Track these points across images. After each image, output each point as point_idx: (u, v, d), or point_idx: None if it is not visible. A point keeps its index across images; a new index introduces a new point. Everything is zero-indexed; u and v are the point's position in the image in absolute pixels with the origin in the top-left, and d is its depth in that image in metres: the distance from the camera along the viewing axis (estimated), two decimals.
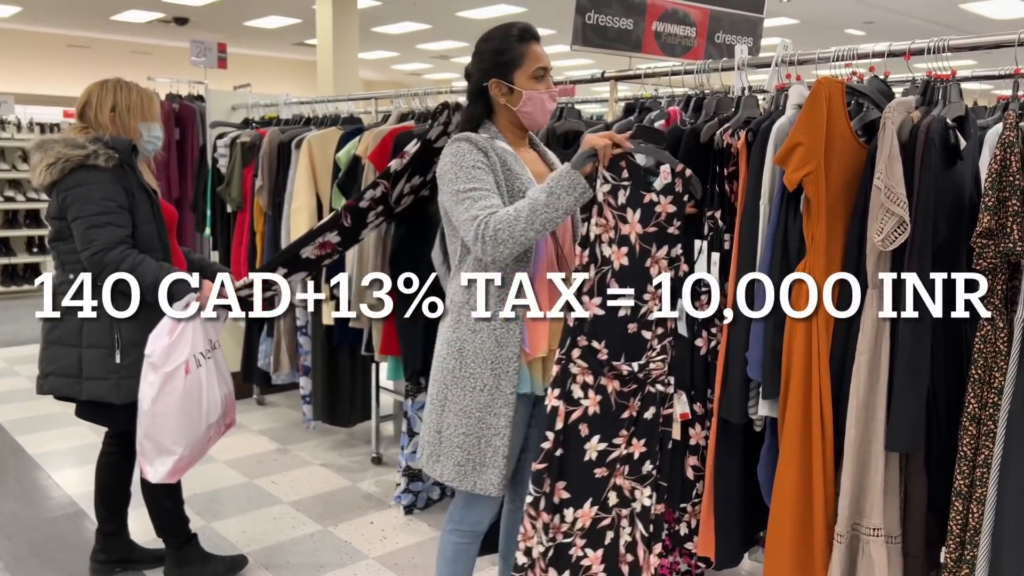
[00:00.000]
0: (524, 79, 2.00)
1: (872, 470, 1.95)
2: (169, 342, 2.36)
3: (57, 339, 2.47)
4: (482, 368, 1.97)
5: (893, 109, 1.92)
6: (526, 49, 2.00)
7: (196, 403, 2.41)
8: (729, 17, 3.43)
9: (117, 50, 15.50)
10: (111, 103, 2.52)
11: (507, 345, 1.97)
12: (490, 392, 1.97)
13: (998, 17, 10.69)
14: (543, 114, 2.04)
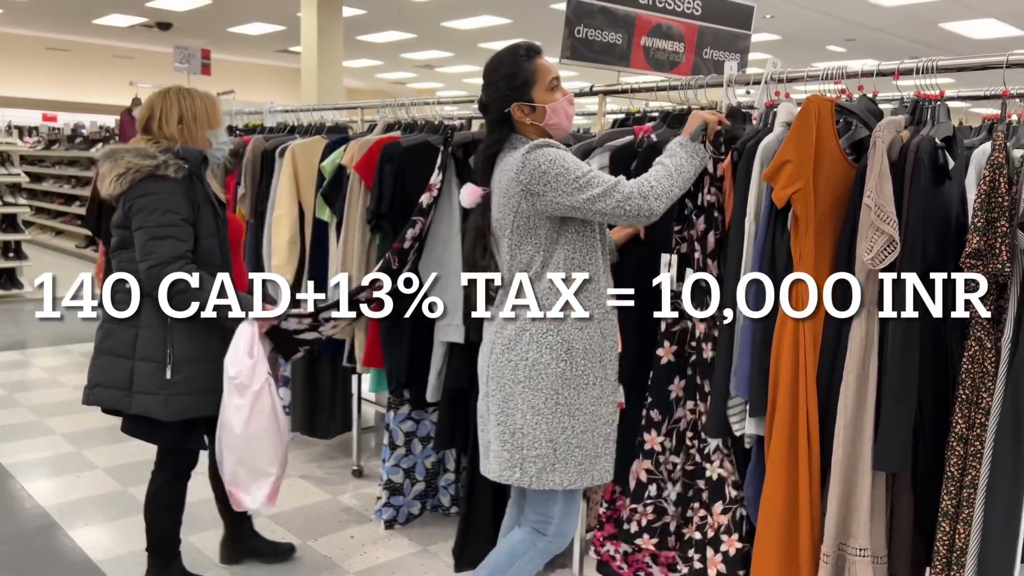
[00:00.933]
0: (542, 93, 2.03)
1: (859, 489, 1.94)
2: (252, 362, 2.33)
3: (108, 349, 2.41)
4: (592, 363, 2.03)
5: (883, 128, 1.92)
6: (536, 65, 2.04)
7: (279, 421, 2.41)
8: (717, 33, 3.44)
9: (98, 54, 15.39)
10: (177, 113, 2.46)
11: (609, 335, 2.08)
12: (600, 384, 2.05)
13: (976, 37, 10.86)
14: (569, 120, 2.10)
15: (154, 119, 2.46)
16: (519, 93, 2.03)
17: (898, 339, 1.87)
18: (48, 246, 11.25)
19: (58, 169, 11.46)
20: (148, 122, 2.47)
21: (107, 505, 3.45)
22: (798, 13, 10.13)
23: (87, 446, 4.10)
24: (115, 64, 15.01)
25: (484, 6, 10.64)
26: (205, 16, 12.12)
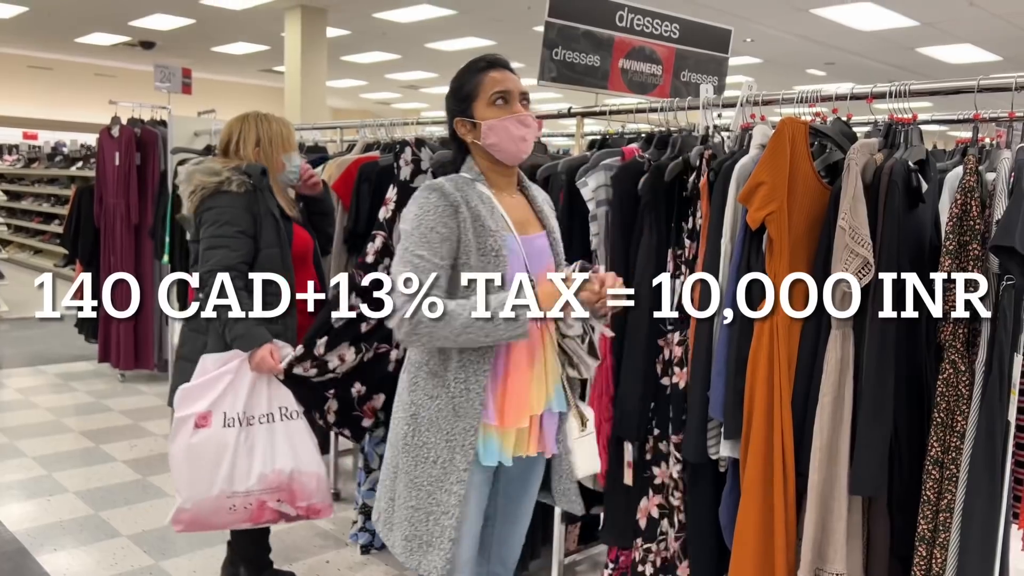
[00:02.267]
0: (483, 109, 1.81)
1: (835, 514, 1.92)
2: (188, 387, 2.29)
3: (184, 355, 2.49)
4: (436, 438, 1.78)
5: (857, 151, 1.93)
6: (482, 77, 1.82)
7: (208, 463, 2.28)
8: (695, 56, 3.46)
9: (80, 72, 15.33)
10: (255, 137, 2.55)
11: (465, 415, 1.77)
12: (443, 466, 1.78)
13: (952, 61, 11.02)
14: (513, 142, 1.80)
15: (232, 142, 2.56)
16: (462, 107, 1.84)
17: (873, 362, 1.86)
18: (26, 265, 11.12)
19: (37, 188, 11.36)
20: (227, 145, 2.57)
21: (77, 530, 3.38)
22: (778, 37, 10.25)
23: (59, 469, 4.03)
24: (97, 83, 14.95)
25: (468, 28, 10.70)
26: (188, 35, 12.11)
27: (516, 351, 1.79)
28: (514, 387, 1.80)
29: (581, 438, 1.89)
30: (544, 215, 1.93)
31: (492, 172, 1.86)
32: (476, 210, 1.77)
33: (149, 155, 5.38)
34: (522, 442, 1.84)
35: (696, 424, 2.15)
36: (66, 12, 10.93)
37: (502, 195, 1.86)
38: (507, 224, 1.80)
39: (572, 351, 1.86)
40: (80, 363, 6.19)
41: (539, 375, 1.83)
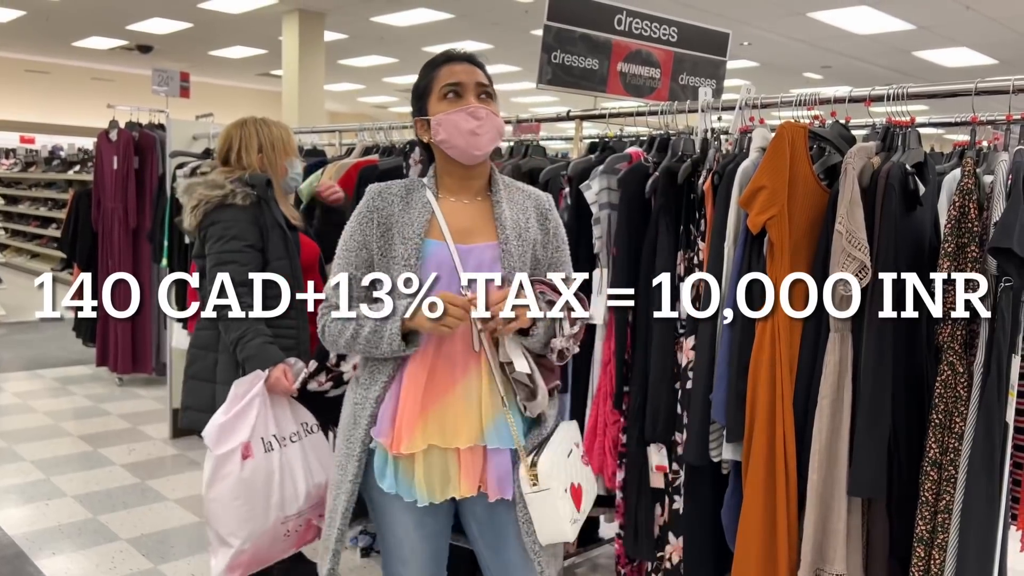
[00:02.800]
0: (435, 104, 1.70)
1: (835, 515, 1.93)
2: (221, 422, 2.15)
3: (195, 374, 2.46)
4: (341, 442, 1.76)
5: (854, 154, 1.94)
6: (436, 72, 1.71)
7: (261, 493, 2.15)
8: (693, 59, 3.47)
9: (78, 76, 15.32)
10: (257, 143, 2.50)
11: (359, 424, 1.71)
12: (340, 472, 1.74)
13: (949, 65, 11.06)
14: (462, 136, 1.65)
15: (233, 150, 2.50)
16: (418, 106, 1.74)
17: (871, 364, 1.87)
18: (23, 269, 11.11)
19: (35, 191, 11.36)
20: (227, 153, 2.51)
21: (75, 534, 3.38)
22: (775, 41, 10.28)
23: (57, 473, 4.03)
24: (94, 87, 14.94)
25: (466, 32, 10.71)
26: (186, 39, 12.11)
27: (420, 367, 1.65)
28: (406, 406, 1.64)
29: (533, 494, 1.64)
30: (504, 222, 1.71)
31: (447, 174, 1.74)
32: (391, 217, 1.69)
33: (147, 159, 5.38)
34: (445, 478, 1.66)
35: (698, 427, 2.15)
36: (63, 16, 10.93)
37: (452, 200, 1.73)
38: (441, 232, 1.67)
39: (515, 383, 1.68)
40: (78, 367, 6.19)
41: (468, 401, 1.65)
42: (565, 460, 1.70)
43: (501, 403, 1.66)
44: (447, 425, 1.65)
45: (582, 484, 1.73)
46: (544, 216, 1.80)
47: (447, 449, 1.65)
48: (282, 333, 2.37)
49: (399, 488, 1.67)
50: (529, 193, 1.83)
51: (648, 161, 2.46)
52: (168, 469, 4.19)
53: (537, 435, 1.71)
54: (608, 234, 2.46)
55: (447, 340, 1.66)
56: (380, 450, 1.68)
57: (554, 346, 1.68)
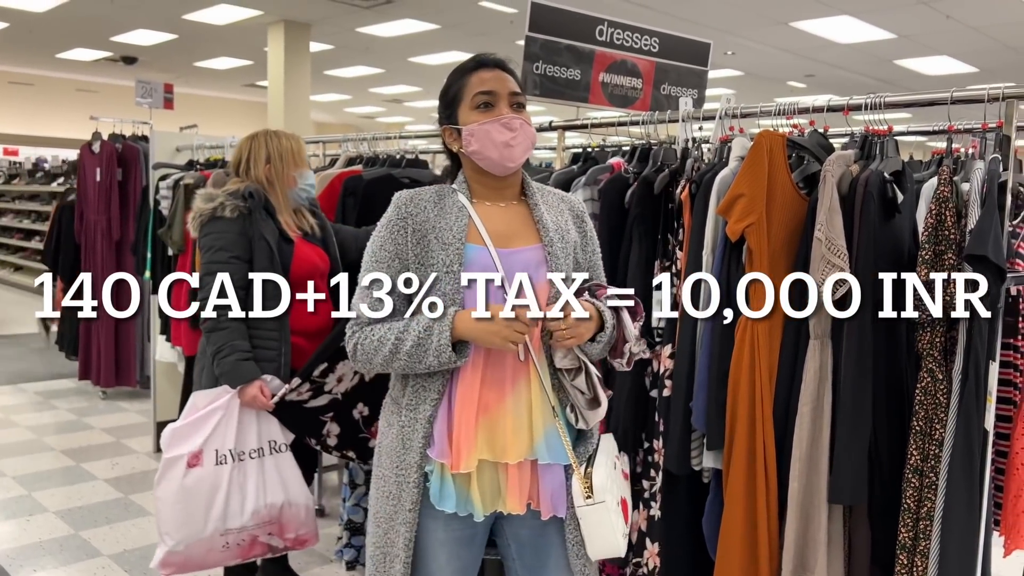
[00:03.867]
0: (466, 113, 1.64)
1: (816, 523, 1.93)
2: (177, 426, 2.24)
3: (194, 378, 2.55)
4: (389, 471, 1.65)
5: (833, 162, 1.95)
6: (468, 79, 1.65)
7: (202, 502, 2.22)
8: (675, 69, 3.49)
9: (62, 88, 15.25)
10: (265, 154, 2.55)
11: (411, 448, 1.61)
12: (393, 503, 1.64)
13: (930, 73, 11.16)
14: (496, 148, 1.60)
15: (243, 161, 2.56)
16: (448, 113, 1.68)
17: (851, 371, 1.88)
18: (6, 282, 11.03)
19: (18, 204, 11.28)
20: (238, 164, 2.57)
21: (57, 550, 3.34)
22: (758, 50, 10.35)
23: (39, 488, 3.98)
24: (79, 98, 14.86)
25: (451, 42, 10.74)
26: (171, 50, 12.07)
27: (472, 378, 1.59)
28: (462, 421, 1.58)
29: (588, 507, 1.58)
30: (545, 225, 1.67)
31: (478, 183, 1.69)
32: (426, 223, 1.64)
33: (131, 171, 5.36)
34: (497, 493, 1.62)
35: (679, 435, 2.15)
36: (47, 28, 10.88)
37: (487, 205, 1.68)
38: (480, 236, 1.62)
39: (570, 391, 1.63)
40: (61, 381, 6.14)
41: (516, 414, 1.60)
42: (614, 472, 1.66)
43: (552, 414, 1.61)
44: (497, 439, 1.59)
45: (626, 498, 1.70)
46: (580, 219, 1.77)
47: (497, 464, 1.60)
48: (264, 345, 2.37)
49: (459, 507, 1.60)
50: (563, 196, 1.80)
51: (629, 171, 2.47)
52: (151, 483, 4.12)
53: (585, 448, 1.66)
54: None
55: (496, 352, 1.59)
56: (436, 471, 1.60)
57: (624, 351, 1.63)
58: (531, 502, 1.63)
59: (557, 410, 1.62)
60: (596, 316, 1.59)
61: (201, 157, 4.71)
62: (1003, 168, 1.88)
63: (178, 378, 4.28)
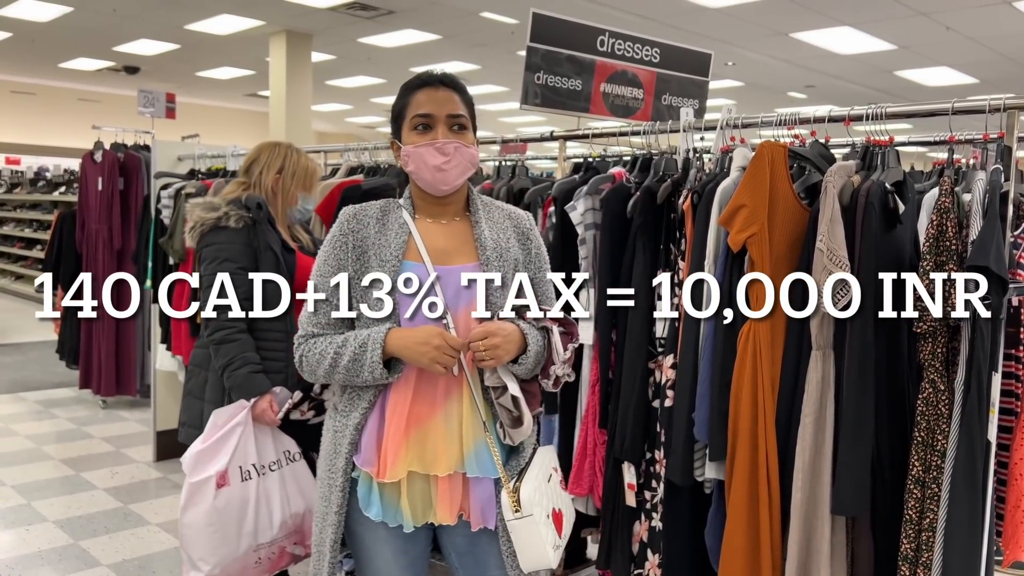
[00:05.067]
0: (407, 133, 1.67)
1: (819, 534, 1.93)
2: (200, 448, 2.18)
3: (189, 391, 2.51)
4: (323, 472, 1.70)
5: (834, 173, 1.95)
6: (410, 98, 1.67)
7: (234, 521, 2.18)
8: (676, 80, 3.50)
9: (64, 97, 15.29)
10: (279, 165, 2.54)
11: (340, 453, 1.66)
12: (325, 504, 1.70)
13: (930, 84, 11.19)
14: (429, 171, 1.63)
15: (257, 164, 2.55)
16: (394, 128, 1.71)
17: (853, 381, 1.88)
18: (7, 291, 11.03)
19: (20, 213, 11.30)
20: (251, 165, 2.56)
21: (56, 560, 3.33)
22: (759, 61, 10.38)
23: (38, 498, 3.97)
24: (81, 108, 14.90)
25: (452, 52, 10.77)
26: (173, 60, 12.11)
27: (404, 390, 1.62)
28: (392, 431, 1.61)
29: (516, 520, 1.60)
30: (484, 243, 1.68)
31: (420, 199, 1.72)
32: (367, 239, 1.67)
33: (132, 180, 5.37)
34: (427, 502, 1.64)
35: (682, 446, 2.15)
36: (50, 38, 10.92)
37: (429, 222, 1.71)
38: (419, 254, 1.65)
39: (496, 409, 1.64)
40: (61, 389, 6.13)
41: (448, 426, 1.62)
42: (546, 485, 1.67)
43: (483, 428, 1.62)
44: (427, 451, 1.61)
45: (563, 510, 1.71)
46: (525, 236, 1.77)
47: (427, 475, 1.63)
48: (272, 356, 2.38)
49: (385, 515, 1.64)
50: (508, 212, 1.79)
51: (630, 181, 2.48)
52: (151, 493, 4.14)
53: (517, 462, 1.68)
54: (594, 254, 2.47)
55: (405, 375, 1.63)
56: (364, 478, 1.65)
57: (551, 373, 1.65)
58: (463, 513, 1.66)
59: (488, 425, 1.63)
60: (519, 338, 1.60)
61: (203, 166, 4.72)
62: (1004, 179, 1.88)
63: (179, 387, 4.27)
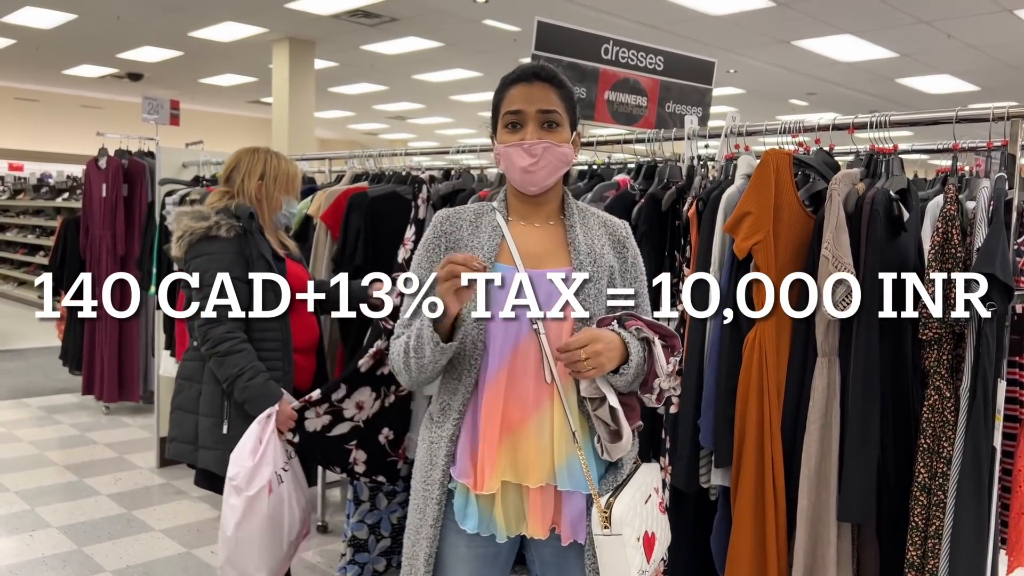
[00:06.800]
0: (500, 131, 1.64)
1: (825, 541, 1.93)
2: (253, 464, 2.21)
3: (179, 405, 2.45)
4: (418, 484, 1.67)
5: (839, 181, 1.96)
6: (505, 94, 1.63)
7: (280, 523, 2.25)
8: (679, 87, 3.51)
9: (68, 104, 15.34)
10: (260, 171, 2.51)
11: (436, 465, 1.62)
12: (419, 515, 1.65)
13: (932, 92, 11.21)
14: (517, 172, 1.60)
15: (238, 171, 2.51)
16: (492, 126, 1.68)
17: (859, 388, 1.88)
18: (10, 297, 11.05)
19: (23, 219, 11.32)
20: (231, 173, 2.53)
21: (60, 566, 3.33)
22: (761, 68, 10.40)
23: (42, 504, 3.98)
24: (84, 114, 14.96)
25: (455, 60, 10.80)
26: (176, 67, 12.15)
27: (495, 395, 1.57)
28: (486, 440, 1.57)
29: (603, 537, 1.54)
30: (578, 247, 1.64)
31: (516, 199, 1.69)
32: (460, 241, 1.65)
33: (136, 186, 5.38)
34: (520, 514, 1.59)
35: (687, 453, 2.15)
36: (54, 45, 10.96)
37: (523, 224, 1.67)
38: (511, 256, 1.61)
39: (594, 421, 1.58)
40: (64, 395, 6.14)
41: (539, 436, 1.57)
42: (642, 506, 1.59)
43: (574, 440, 1.55)
44: (519, 461, 1.56)
45: (656, 533, 1.63)
46: (621, 244, 1.72)
47: (520, 485, 1.58)
48: (270, 366, 2.36)
49: (481, 527, 1.59)
50: (604, 220, 1.74)
51: (635, 188, 2.48)
52: (155, 499, 4.14)
53: (614, 477, 1.62)
54: None
55: (520, 372, 1.57)
56: (460, 489, 1.60)
57: (654, 386, 1.58)
58: (555, 527, 1.61)
59: (579, 437, 1.56)
60: (620, 347, 1.54)
61: (207, 173, 4.74)
62: (1008, 186, 1.88)
63: None
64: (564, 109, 1.63)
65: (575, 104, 1.68)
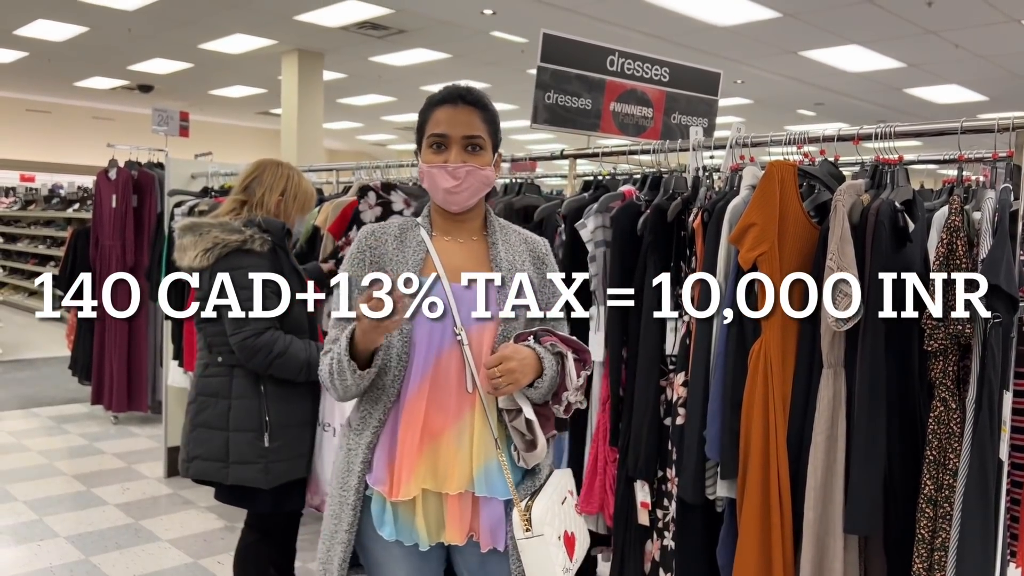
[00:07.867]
0: (424, 150, 1.68)
1: (831, 553, 1.92)
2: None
3: (204, 422, 2.43)
4: (335, 490, 1.69)
5: (844, 192, 1.96)
6: (430, 115, 1.67)
7: None
8: (685, 98, 3.52)
9: (78, 116, 15.47)
10: (282, 187, 2.55)
11: (352, 471, 1.65)
12: (335, 522, 1.68)
13: (939, 101, 11.19)
14: (440, 192, 1.65)
15: (260, 183, 2.53)
16: (417, 142, 1.73)
17: (865, 399, 1.87)
18: (21, 307, 11.11)
19: (34, 229, 11.40)
20: (251, 183, 2.54)
21: (68, 575, 3.34)
22: (768, 79, 10.41)
23: (50, 513, 3.99)
24: (95, 126, 15.07)
25: (463, 71, 10.85)
26: (186, 79, 12.25)
27: (417, 404, 1.61)
28: (406, 447, 1.61)
29: (526, 540, 1.59)
30: (499, 262, 1.70)
31: (438, 215, 1.74)
32: (384, 256, 1.69)
33: (146, 197, 5.42)
34: (440, 522, 1.63)
35: (693, 465, 2.15)
36: (65, 57, 11.06)
37: (447, 240, 1.72)
38: (436, 268, 1.66)
39: (510, 431, 1.64)
40: (73, 405, 6.17)
41: (459, 443, 1.61)
42: (559, 507, 1.66)
43: (494, 447, 1.61)
44: (439, 469, 1.61)
45: (575, 533, 1.68)
46: (540, 260, 1.78)
47: (440, 493, 1.62)
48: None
49: (399, 534, 1.62)
50: (525, 237, 1.81)
51: (640, 199, 2.49)
52: (162, 509, 4.15)
53: (532, 483, 1.67)
54: (604, 272, 2.47)
55: (442, 381, 1.62)
56: (377, 496, 1.64)
57: (562, 399, 1.65)
58: (473, 534, 1.65)
59: (500, 444, 1.62)
60: (535, 362, 1.60)
61: (216, 184, 4.77)
62: (1014, 197, 1.88)
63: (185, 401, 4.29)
64: (487, 132, 1.68)
65: (498, 127, 1.73)
